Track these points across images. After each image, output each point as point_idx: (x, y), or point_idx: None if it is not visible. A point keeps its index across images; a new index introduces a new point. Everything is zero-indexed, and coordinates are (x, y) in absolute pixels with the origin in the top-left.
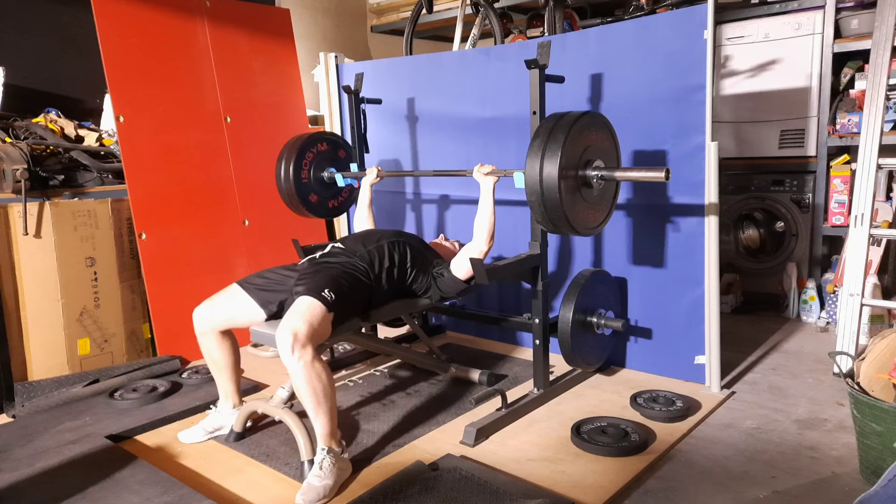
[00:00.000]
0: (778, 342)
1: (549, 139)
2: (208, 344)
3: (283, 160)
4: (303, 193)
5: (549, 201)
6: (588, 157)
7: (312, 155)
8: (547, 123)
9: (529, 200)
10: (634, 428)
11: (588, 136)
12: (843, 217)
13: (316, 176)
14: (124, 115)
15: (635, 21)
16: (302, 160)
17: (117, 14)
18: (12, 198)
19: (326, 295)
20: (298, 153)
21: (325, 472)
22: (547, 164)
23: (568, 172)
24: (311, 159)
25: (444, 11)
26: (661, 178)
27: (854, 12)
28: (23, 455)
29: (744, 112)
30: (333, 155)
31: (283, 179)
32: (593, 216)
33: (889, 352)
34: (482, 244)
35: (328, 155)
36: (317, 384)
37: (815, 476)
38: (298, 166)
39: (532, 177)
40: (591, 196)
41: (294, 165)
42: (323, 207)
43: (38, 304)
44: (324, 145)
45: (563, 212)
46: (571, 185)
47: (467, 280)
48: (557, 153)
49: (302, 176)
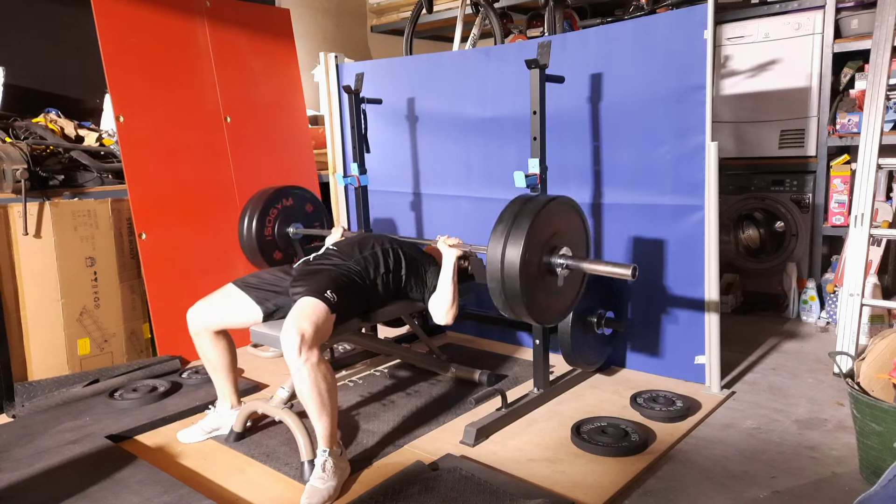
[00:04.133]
0: (778, 342)
1: (513, 224)
2: (203, 344)
3: (247, 215)
4: (266, 251)
5: (510, 290)
6: (555, 242)
7: (277, 211)
8: (513, 207)
9: (490, 287)
10: (634, 428)
11: (556, 222)
12: (843, 217)
13: (280, 232)
14: (124, 115)
15: (635, 21)
16: (266, 216)
17: (117, 14)
18: (12, 198)
19: (329, 296)
20: (263, 208)
21: (327, 473)
22: (509, 251)
23: (531, 259)
24: (275, 216)
25: (444, 11)
26: (627, 275)
27: (854, 12)
28: (23, 455)
29: (744, 112)
30: (300, 210)
31: (246, 235)
32: (556, 305)
33: (889, 352)
34: (445, 311)
35: (294, 210)
36: (322, 385)
37: (815, 476)
38: (262, 223)
39: (493, 262)
40: (555, 285)
41: (258, 222)
42: (287, 264)
43: (38, 304)
44: (289, 200)
45: (522, 301)
46: (534, 274)
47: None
48: (521, 240)
49: (265, 233)
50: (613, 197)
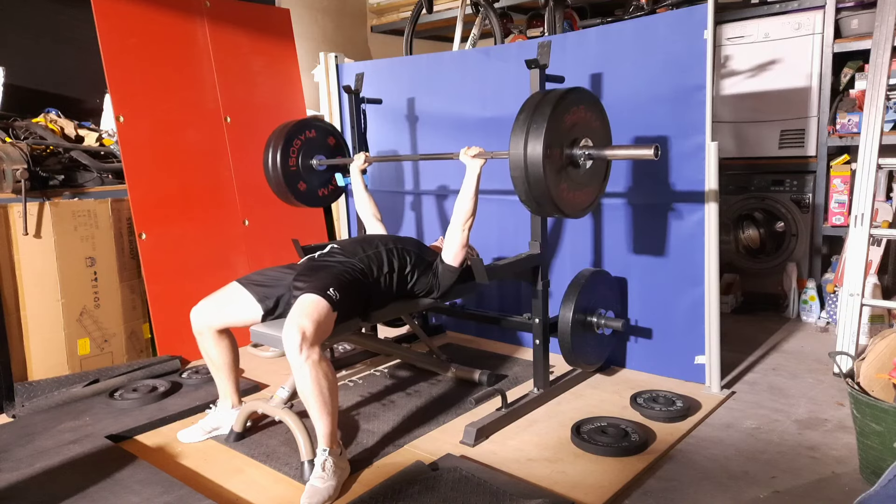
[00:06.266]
0: (778, 342)
1: (533, 114)
2: (206, 343)
3: (271, 148)
4: (291, 182)
5: (533, 178)
6: (575, 135)
7: (300, 142)
8: (532, 99)
9: (513, 177)
10: (634, 428)
11: (575, 113)
12: (843, 217)
13: (304, 164)
14: (124, 115)
15: (635, 21)
16: (289, 147)
17: (117, 14)
18: (12, 198)
19: (332, 294)
20: (286, 140)
21: (327, 473)
22: (531, 140)
23: (553, 150)
24: (298, 147)
25: (444, 11)
26: (650, 155)
27: (854, 12)
28: (23, 455)
29: (744, 112)
30: (322, 142)
31: (271, 167)
32: (580, 197)
33: (889, 352)
34: (461, 223)
35: (317, 142)
36: (323, 383)
37: (816, 476)
38: (286, 154)
39: (516, 153)
40: (578, 176)
41: (282, 153)
42: (312, 196)
43: (38, 304)
44: (312, 132)
45: (547, 190)
46: (557, 164)
47: (461, 265)
48: (542, 128)
49: (290, 164)
50: (613, 197)
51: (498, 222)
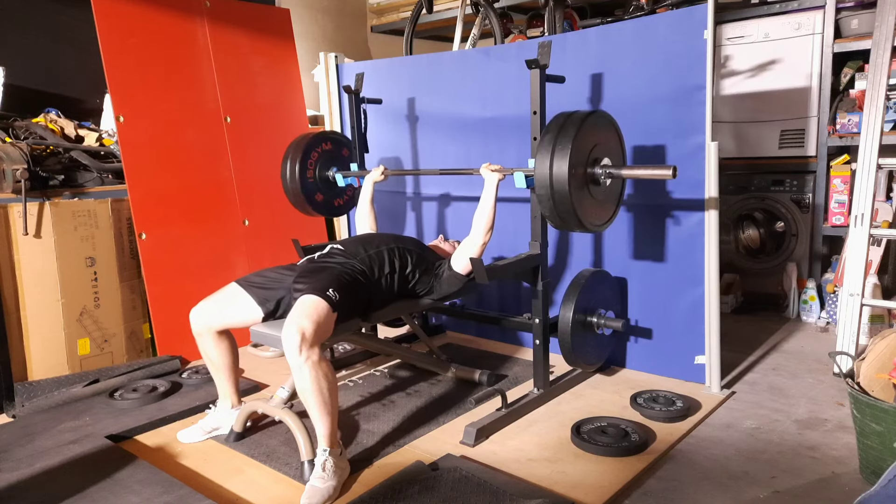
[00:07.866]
0: (778, 342)
1: (559, 135)
2: (205, 344)
3: (289, 159)
4: (309, 193)
5: (559, 195)
6: (595, 155)
7: (318, 154)
8: (557, 120)
9: (538, 194)
10: (634, 428)
11: (595, 134)
12: (843, 217)
13: (321, 175)
14: (124, 115)
15: (635, 21)
16: (307, 160)
17: (117, 14)
18: (12, 198)
19: (331, 294)
20: (304, 152)
21: (327, 473)
22: (557, 159)
23: (577, 169)
24: (316, 159)
25: (444, 11)
26: (668, 175)
27: (854, 12)
28: (23, 455)
29: (744, 112)
30: (337, 154)
31: (290, 179)
32: (600, 213)
33: (889, 352)
34: (480, 237)
35: (332, 154)
36: (323, 384)
37: (816, 476)
38: (304, 166)
39: (542, 171)
40: (599, 193)
41: (300, 165)
42: (328, 206)
43: (38, 304)
44: (328, 144)
45: (571, 207)
46: (580, 182)
47: (467, 274)
48: (568, 148)
49: (308, 176)
50: None
51: (498, 222)
